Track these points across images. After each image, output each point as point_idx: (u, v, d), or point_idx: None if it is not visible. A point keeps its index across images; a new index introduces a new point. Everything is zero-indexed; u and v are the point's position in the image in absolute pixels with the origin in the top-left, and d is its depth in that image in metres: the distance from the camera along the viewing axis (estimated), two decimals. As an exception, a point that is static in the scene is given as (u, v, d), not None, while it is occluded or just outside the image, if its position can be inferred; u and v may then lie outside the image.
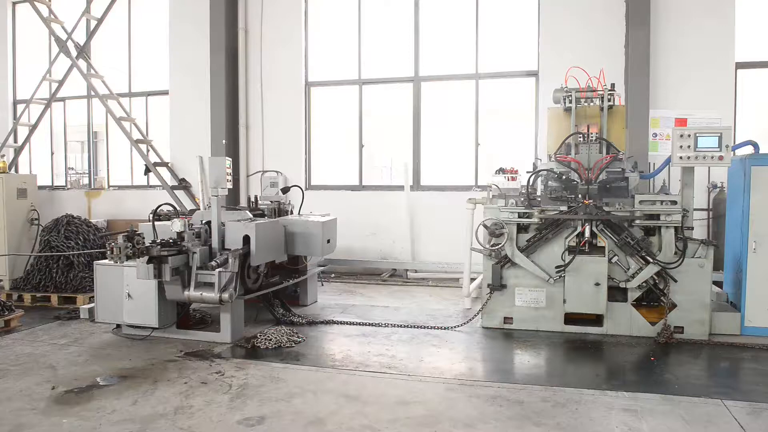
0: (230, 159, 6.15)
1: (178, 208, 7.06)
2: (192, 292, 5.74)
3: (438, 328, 6.50)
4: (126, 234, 5.41)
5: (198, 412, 4.24)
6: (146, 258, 5.47)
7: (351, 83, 10.63)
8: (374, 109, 10.72)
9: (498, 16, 9.93)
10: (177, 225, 5.63)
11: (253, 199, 7.48)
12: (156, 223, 6.02)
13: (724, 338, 6.05)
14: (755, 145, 6.50)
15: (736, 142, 6.96)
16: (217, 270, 5.60)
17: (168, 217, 6.69)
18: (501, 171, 7.01)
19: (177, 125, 11.37)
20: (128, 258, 5.35)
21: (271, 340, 5.85)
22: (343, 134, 10.89)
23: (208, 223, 6.01)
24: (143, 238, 5.53)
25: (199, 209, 7.53)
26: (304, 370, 5.16)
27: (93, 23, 11.56)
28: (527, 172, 6.82)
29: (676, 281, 6.04)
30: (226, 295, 5.64)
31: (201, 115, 10.84)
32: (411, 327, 6.55)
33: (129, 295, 6.02)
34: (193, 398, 4.49)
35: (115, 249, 5.31)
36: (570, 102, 6.88)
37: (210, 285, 5.68)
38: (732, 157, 6.31)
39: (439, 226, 9.79)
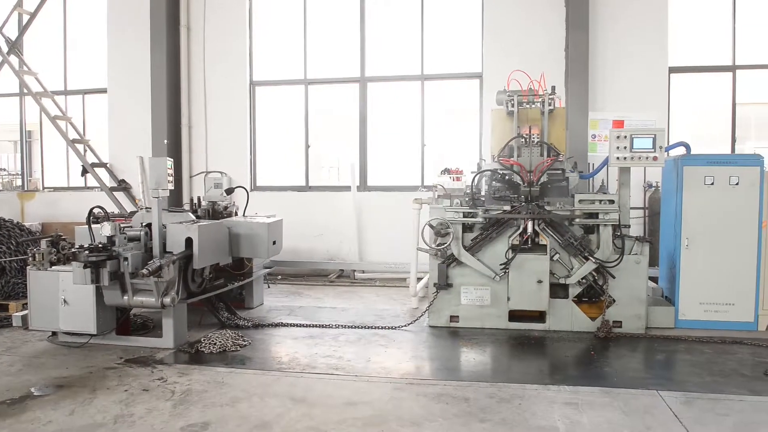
0: (172, 159, 5.99)
1: (109, 211, 6.84)
2: (132, 297, 5.57)
3: (385, 328, 6.52)
4: (50, 239, 5.19)
5: (139, 420, 4.12)
6: (83, 263, 5.27)
7: (297, 83, 10.53)
8: (321, 109, 10.66)
9: (443, 18, 10.04)
10: (107, 229, 5.42)
11: (196, 201, 7.33)
12: (94, 226, 5.81)
13: (660, 331, 6.30)
14: (687, 146, 6.79)
15: (670, 143, 7.26)
16: (152, 279, 5.42)
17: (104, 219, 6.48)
18: (446, 171, 7.08)
19: (116, 124, 11.01)
20: (52, 264, 5.13)
21: (215, 344, 5.74)
22: (289, 134, 10.79)
23: (149, 225, 5.84)
24: (69, 243, 5.30)
25: (139, 211, 7.31)
26: (250, 373, 5.09)
27: (26, 18, 11.08)
28: (472, 173, 6.93)
29: (614, 277, 6.25)
30: (167, 300, 5.50)
31: (141, 114, 10.54)
32: (358, 327, 6.54)
33: (65, 301, 5.78)
34: (134, 406, 4.36)
35: (37, 255, 5.08)
36: (512, 105, 7.02)
37: (151, 289, 5.53)
38: (665, 157, 6.57)
39: (386, 226, 9.82)
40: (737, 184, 6.32)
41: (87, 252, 5.29)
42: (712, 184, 6.36)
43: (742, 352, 5.65)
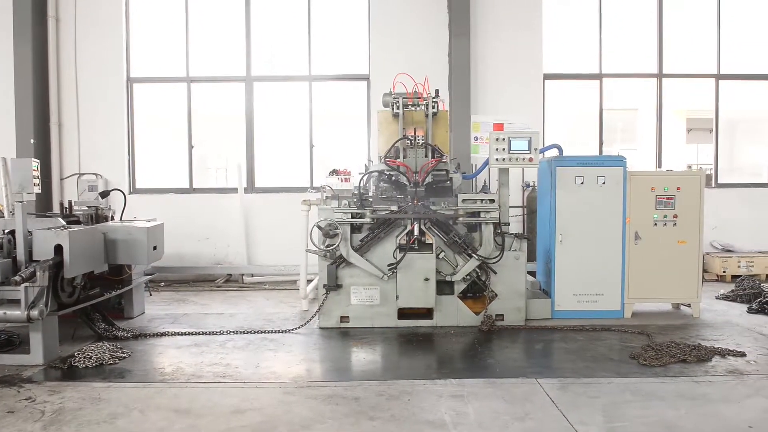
0: (38, 161, 5.57)
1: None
2: (-7, 311, 5.10)
3: (275, 332, 6.42)
4: None
5: (2, 445, 3.78)
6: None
7: (178, 80, 10.12)
8: (206, 109, 10.31)
9: (330, 19, 10.05)
10: None
11: (67, 205, 6.84)
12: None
13: (538, 322, 6.68)
14: (559, 148, 7.24)
15: (544, 146, 7.71)
16: (23, 285, 5.01)
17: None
18: (335, 172, 7.10)
19: (-26, 122, 10.03)
20: None
21: (91, 358, 5.36)
22: (171, 134, 10.34)
23: (13, 232, 5.37)
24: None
25: (2, 217, 6.72)
26: (130, 387, 4.81)
27: None
28: (360, 174, 6.98)
29: (496, 273, 6.54)
30: (35, 312, 5.08)
31: (4, 111, 9.67)
32: (247, 333, 6.39)
33: None
34: (-3, 430, 3.99)
35: None
36: (398, 108, 7.14)
37: (15, 301, 5.08)
38: (540, 159, 6.99)
39: (275, 228, 9.68)
40: (604, 183, 6.83)
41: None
42: (582, 183, 6.83)
43: (611, 339, 6.12)
